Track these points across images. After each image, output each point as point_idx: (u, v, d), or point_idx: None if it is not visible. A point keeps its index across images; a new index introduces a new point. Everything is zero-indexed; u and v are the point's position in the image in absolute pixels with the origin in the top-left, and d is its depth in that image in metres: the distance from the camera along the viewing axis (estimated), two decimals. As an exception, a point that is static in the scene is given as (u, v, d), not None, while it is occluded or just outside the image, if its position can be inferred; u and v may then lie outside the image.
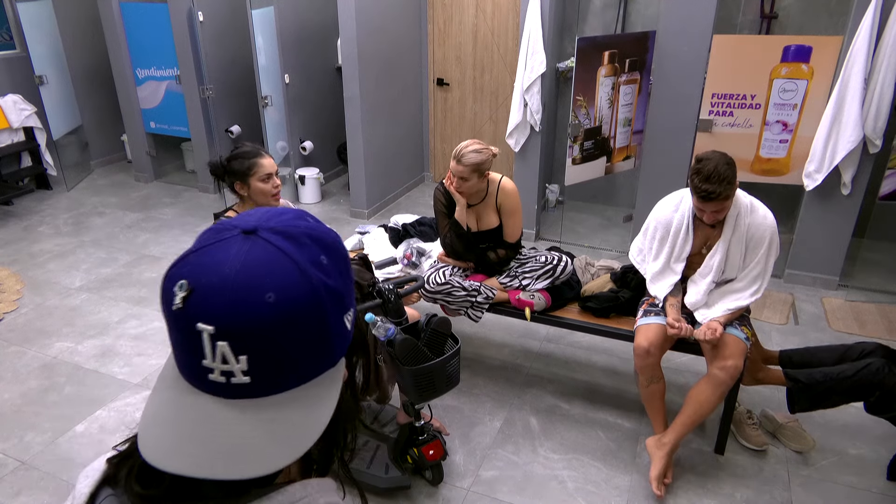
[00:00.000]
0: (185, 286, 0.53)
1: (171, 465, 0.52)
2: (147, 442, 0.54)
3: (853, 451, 2.60)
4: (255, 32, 4.78)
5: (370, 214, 5.18)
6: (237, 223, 0.57)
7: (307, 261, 0.55)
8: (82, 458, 2.57)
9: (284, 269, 0.54)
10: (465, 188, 2.69)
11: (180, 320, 0.54)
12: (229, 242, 0.55)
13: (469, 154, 2.62)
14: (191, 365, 0.55)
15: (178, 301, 0.53)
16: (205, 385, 0.55)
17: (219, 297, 0.52)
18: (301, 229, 0.58)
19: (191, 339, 0.53)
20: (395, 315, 2.21)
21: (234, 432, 0.53)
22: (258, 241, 0.55)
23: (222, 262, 0.54)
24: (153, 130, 5.86)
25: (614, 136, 4.24)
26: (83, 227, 4.99)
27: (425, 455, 2.32)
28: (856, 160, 3.57)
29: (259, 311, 0.52)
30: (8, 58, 5.53)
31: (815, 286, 3.96)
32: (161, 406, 0.57)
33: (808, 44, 3.52)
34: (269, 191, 2.37)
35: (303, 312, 0.54)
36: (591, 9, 4.79)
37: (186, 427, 0.54)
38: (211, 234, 0.58)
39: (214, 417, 0.54)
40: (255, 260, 0.54)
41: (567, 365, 3.21)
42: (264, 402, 0.55)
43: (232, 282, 0.53)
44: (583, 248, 4.51)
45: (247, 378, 0.53)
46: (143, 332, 3.51)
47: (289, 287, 0.53)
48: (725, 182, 2.20)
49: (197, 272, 0.54)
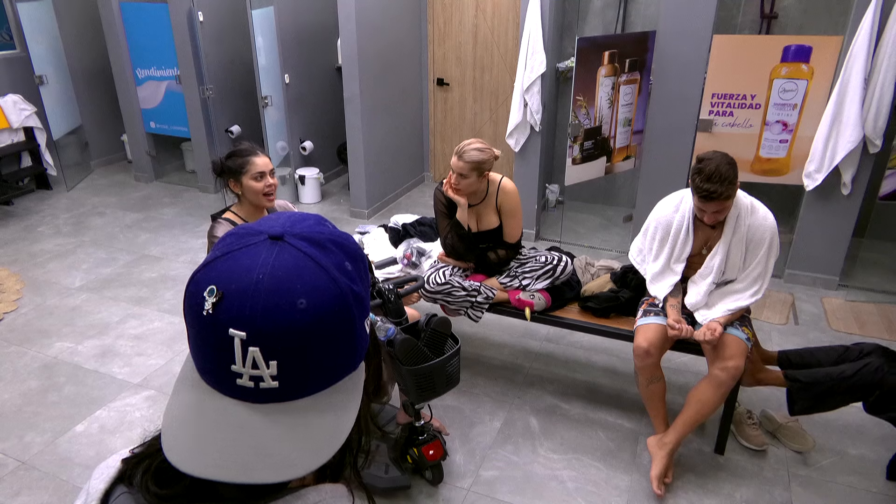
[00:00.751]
0: (216, 292, 0.54)
1: (197, 468, 0.52)
2: (171, 444, 0.54)
3: (853, 451, 2.60)
4: (255, 32, 4.78)
5: (370, 214, 5.18)
6: (262, 228, 0.58)
7: (334, 266, 0.56)
8: (82, 458, 2.57)
9: (314, 275, 0.55)
10: (463, 185, 2.68)
11: (210, 326, 0.54)
12: (257, 248, 0.56)
13: (471, 151, 2.62)
14: (217, 369, 0.55)
15: (209, 307, 0.53)
16: (231, 390, 0.55)
17: (250, 302, 0.53)
18: (326, 235, 0.58)
19: (221, 344, 0.53)
20: (395, 315, 2.21)
21: (259, 437, 0.54)
22: (286, 247, 0.55)
23: (251, 267, 0.54)
24: (153, 130, 5.86)
25: (614, 136, 4.24)
26: (83, 227, 5.00)
27: (425, 455, 2.32)
28: (856, 160, 3.57)
29: (292, 317, 0.53)
30: (8, 58, 5.53)
31: (815, 286, 3.96)
32: (184, 409, 0.57)
33: (808, 44, 3.52)
34: (261, 189, 2.36)
35: (332, 318, 0.55)
36: (591, 9, 4.79)
37: (211, 430, 0.54)
38: (235, 238, 0.58)
39: (240, 422, 0.54)
40: (284, 266, 0.54)
41: (567, 365, 3.21)
42: (290, 406, 0.55)
43: (264, 288, 0.53)
44: (583, 249, 4.51)
45: (275, 383, 0.54)
46: (143, 332, 3.51)
47: (319, 292, 0.54)
48: (727, 182, 2.20)
49: (226, 278, 0.54)
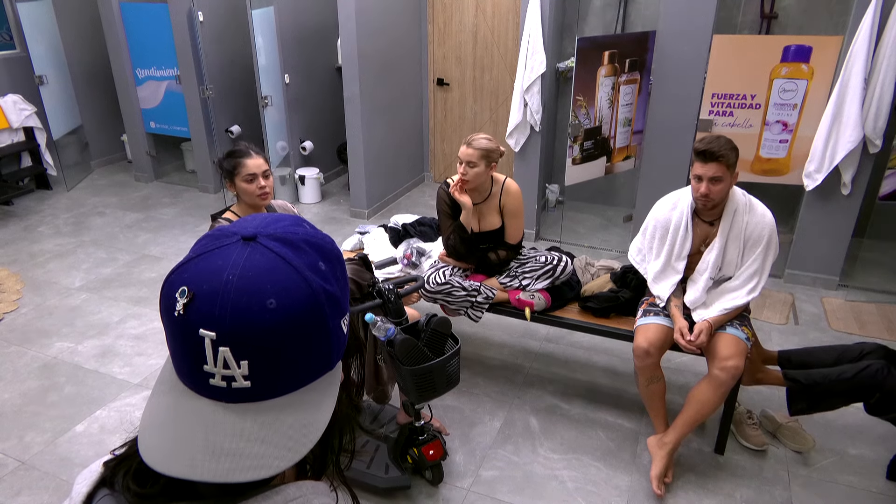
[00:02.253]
0: (187, 293, 0.54)
1: (171, 468, 0.52)
2: (147, 445, 0.54)
3: (853, 451, 2.60)
4: (255, 32, 4.78)
5: (370, 214, 5.18)
6: (236, 229, 0.58)
7: (306, 267, 0.56)
8: (82, 458, 2.57)
9: (285, 275, 0.55)
10: (472, 176, 2.68)
11: (182, 326, 0.54)
12: (229, 249, 0.56)
13: (480, 139, 2.68)
14: (191, 370, 0.55)
15: (180, 307, 0.54)
16: (205, 389, 0.55)
17: (220, 302, 0.53)
18: (300, 236, 0.58)
19: (192, 344, 0.54)
20: (395, 315, 2.21)
21: (233, 436, 0.54)
22: (258, 248, 0.56)
23: (222, 268, 0.54)
24: (153, 130, 5.86)
25: (614, 136, 4.24)
26: (83, 227, 5.00)
27: (425, 455, 2.32)
28: (856, 160, 3.57)
29: (261, 317, 0.53)
30: (8, 58, 5.53)
31: (815, 286, 3.96)
32: (160, 410, 0.57)
33: (808, 44, 3.52)
34: (254, 191, 2.33)
35: (303, 317, 0.55)
36: (591, 9, 4.79)
37: (186, 431, 0.54)
38: (210, 240, 0.58)
39: (214, 421, 0.54)
40: (255, 266, 0.54)
41: (567, 365, 3.21)
42: (263, 406, 0.55)
43: (233, 288, 0.53)
44: (583, 249, 4.51)
45: (247, 382, 0.54)
46: (143, 332, 3.51)
47: (289, 293, 0.54)
48: (728, 147, 2.26)
49: (198, 278, 0.55)
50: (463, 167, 2.69)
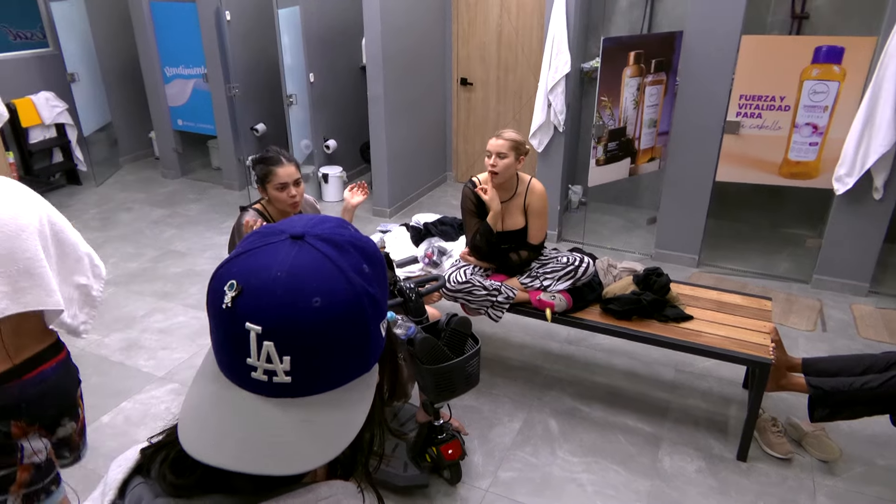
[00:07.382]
0: (235, 286, 0.55)
1: (211, 457, 0.53)
2: (188, 434, 0.56)
3: (881, 462, 2.54)
4: (280, 32, 4.82)
5: (392, 213, 5.20)
6: (284, 228, 0.59)
7: (351, 268, 0.57)
8: (107, 447, 2.62)
9: (330, 275, 0.56)
10: (501, 167, 2.70)
11: (228, 319, 0.55)
12: (277, 246, 0.57)
13: (509, 131, 2.74)
14: (234, 362, 0.56)
15: (228, 300, 0.55)
16: (246, 382, 0.56)
17: (267, 298, 0.54)
18: (345, 238, 0.59)
19: (237, 337, 0.55)
20: (416, 314, 2.22)
21: (273, 429, 0.55)
22: (305, 247, 0.57)
23: (271, 265, 0.56)
24: (180, 128, 5.95)
25: (639, 138, 4.19)
26: (111, 222, 5.09)
27: (444, 454, 2.32)
28: (888, 164, 3.49)
29: (306, 315, 0.54)
30: (41, 55, 5.66)
31: (844, 292, 3.88)
32: (202, 400, 0.58)
33: (840, 45, 3.45)
34: (286, 200, 2.32)
35: (346, 318, 0.56)
36: (616, 8, 4.75)
37: (227, 422, 0.56)
38: (258, 237, 0.60)
39: (255, 414, 0.55)
40: (302, 265, 0.56)
41: (587, 367, 3.19)
42: (302, 402, 0.56)
43: (281, 285, 0.54)
44: (605, 250, 4.47)
45: (288, 378, 0.55)
46: (168, 327, 3.56)
47: (334, 293, 0.55)
48: None
49: (247, 273, 0.56)
50: (493, 158, 2.71)
